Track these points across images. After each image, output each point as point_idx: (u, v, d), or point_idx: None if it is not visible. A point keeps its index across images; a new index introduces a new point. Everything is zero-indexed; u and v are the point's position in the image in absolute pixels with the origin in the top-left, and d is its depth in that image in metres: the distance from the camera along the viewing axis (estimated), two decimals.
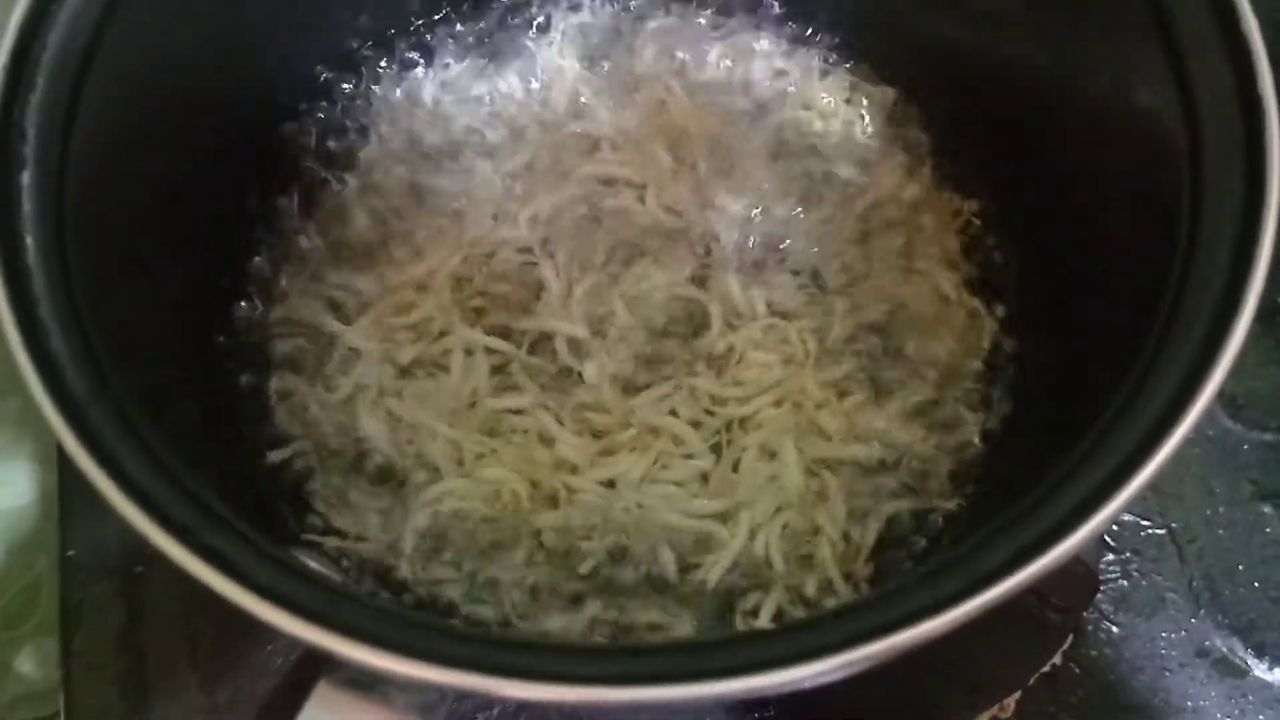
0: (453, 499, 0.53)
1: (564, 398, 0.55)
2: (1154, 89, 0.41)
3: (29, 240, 0.38)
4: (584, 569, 0.52)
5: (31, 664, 0.73)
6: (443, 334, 0.56)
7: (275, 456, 0.54)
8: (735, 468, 0.54)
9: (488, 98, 0.63)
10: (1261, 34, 0.39)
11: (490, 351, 0.56)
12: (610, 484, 0.53)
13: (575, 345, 0.56)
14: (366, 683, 0.34)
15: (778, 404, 0.55)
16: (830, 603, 0.51)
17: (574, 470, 0.54)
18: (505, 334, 0.56)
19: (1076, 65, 0.48)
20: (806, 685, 0.32)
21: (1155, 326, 0.37)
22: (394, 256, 0.58)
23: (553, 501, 0.53)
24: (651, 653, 0.35)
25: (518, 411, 0.55)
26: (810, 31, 0.64)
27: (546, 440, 0.54)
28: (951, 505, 0.53)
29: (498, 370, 0.56)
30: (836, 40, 0.64)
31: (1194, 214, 0.38)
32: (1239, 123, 0.38)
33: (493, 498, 0.53)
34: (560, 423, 0.54)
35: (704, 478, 0.54)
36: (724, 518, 0.53)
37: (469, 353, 0.56)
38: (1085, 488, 0.34)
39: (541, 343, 0.56)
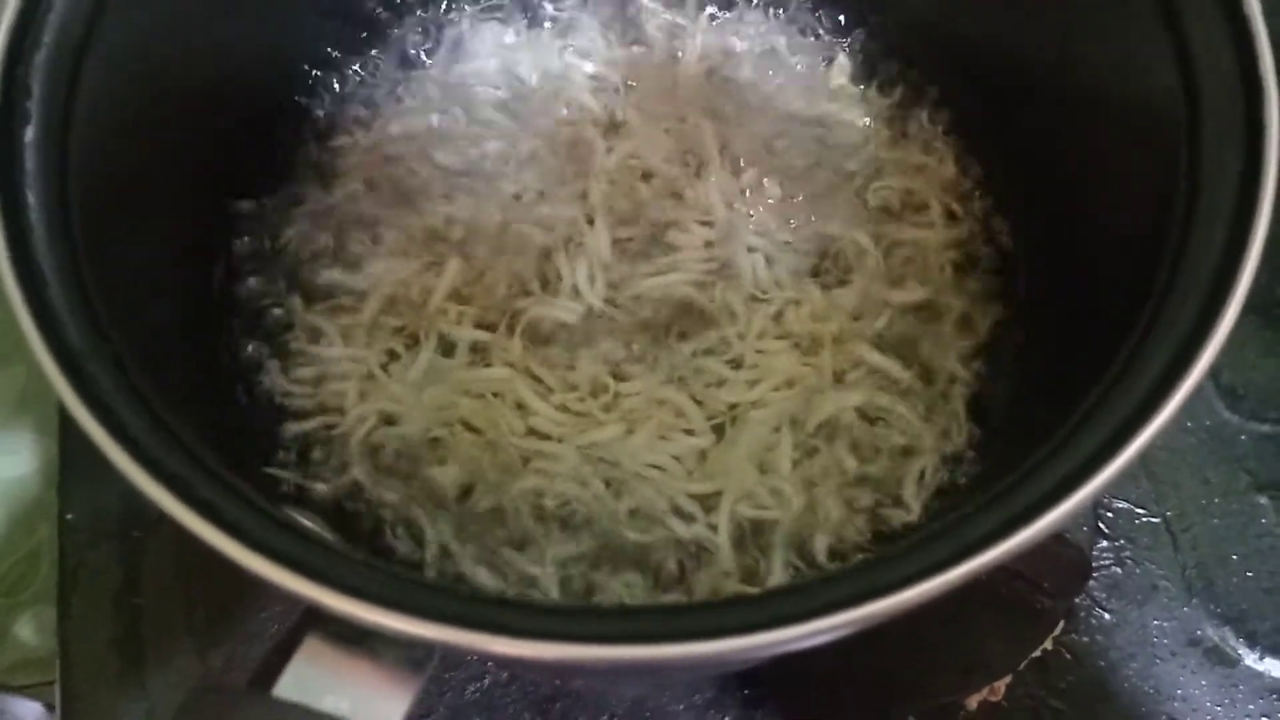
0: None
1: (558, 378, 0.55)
2: (1156, 68, 0.41)
3: (31, 196, 0.38)
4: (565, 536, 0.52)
5: (30, 630, 0.74)
6: (438, 313, 0.56)
7: (270, 411, 0.54)
8: (733, 448, 0.54)
9: (503, 77, 0.63)
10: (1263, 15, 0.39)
11: (478, 347, 0.56)
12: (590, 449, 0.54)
13: (582, 327, 0.56)
14: (354, 638, 0.34)
15: (789, 385, 0.55)
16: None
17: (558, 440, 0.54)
18: (504, 315, 0.56)
19: (1079, 43, 0.48)
20: (793, 649, 0.32)
21: (1149, 304, 0.37)
22: (397, 228, 0.58)
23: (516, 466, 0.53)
24: (641, 613, 0.35)
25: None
26: (820, 16, 0.64)
27: (522, 409, 0.54)
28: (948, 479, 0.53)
29: (479, 351, 0.56)
30: (841, 23, 0.64)
31: (1191, 193, 0.38)
32: (1239, 103, 0.38)
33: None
34: (542, 398, 0.54)
35: (703, 455, 0.54)
36: (706, 505, 0.53)
37: (450, 340, 0.56)
38: (1071, 463, 0.34)
39: (544, 328, 0.56)
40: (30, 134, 0.39)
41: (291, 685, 0.33)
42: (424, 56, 0.63)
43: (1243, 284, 0.36)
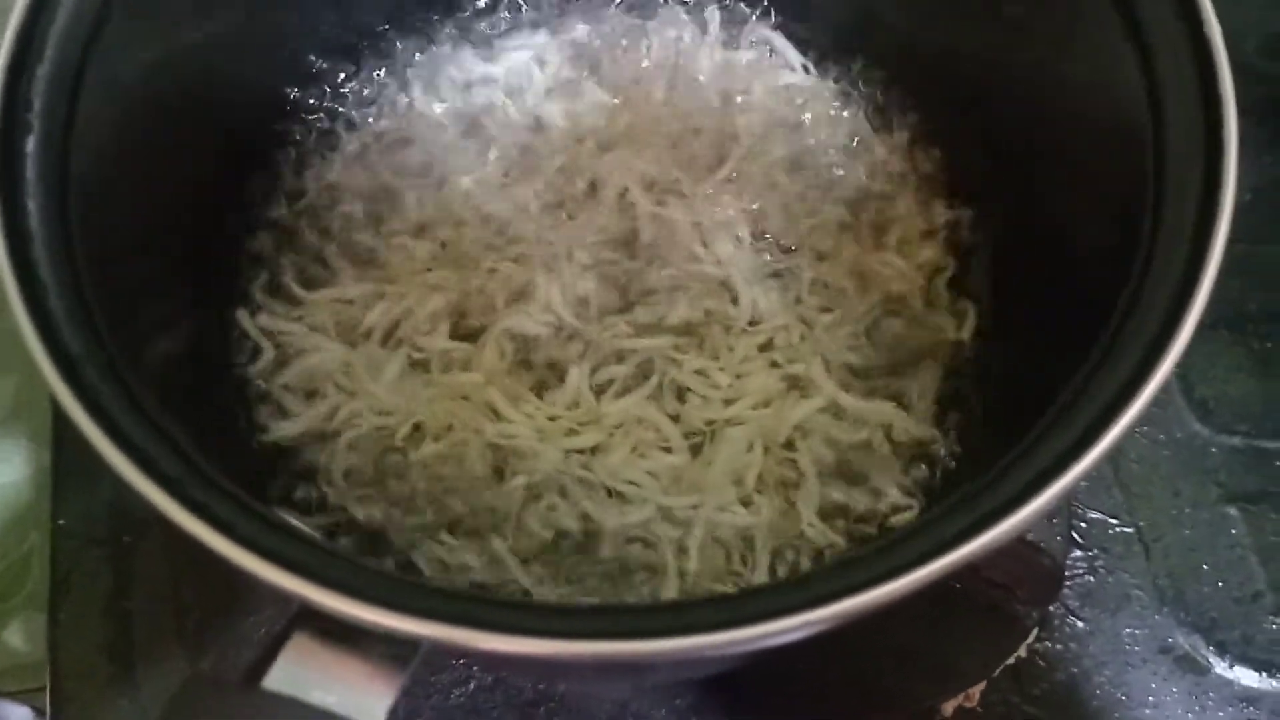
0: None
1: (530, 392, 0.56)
2: (1123, 88, 0.42)
3: (31, 204, 0.39)
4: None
5: (20, 637, 0.74)
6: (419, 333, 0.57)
7: (263, 421, 0.55)
8: (709, 467, 0.54)
9: (484, 97, 0.64)
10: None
11: (452, 356, 0.57)
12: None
13: (563, 345, 0.57)
14: (341, 634, 0.35)
15: (765, 404, 0.56)
16: None
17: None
18: (481, 329, 0.57)
19: (1051, 66, 0.49)
20: (769, 645, 0.33)
21: (1114, 317, 0.38)
22: (385, 243, 0.59)
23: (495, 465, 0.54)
24: (624, 611, 0.36)
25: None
26: (793, 31, 0.65)
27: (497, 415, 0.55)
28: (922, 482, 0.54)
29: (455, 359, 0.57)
30: (821, 42, 0.65)
31: (1156, 209, 0.40)
32: (1200, 121, 0.39)
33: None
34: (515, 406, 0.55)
35: (679, 473, 0.54)
36: (680, 518, 0.53)
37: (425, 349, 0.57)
38: (1039, 465, 0.35)
39: (524, 345, 0.57)
40: (31, 144, 0.40)
41: (280, 679, 0.34)
42: (418, 74, 0.64)
43: (1202, 294, 0.37)
